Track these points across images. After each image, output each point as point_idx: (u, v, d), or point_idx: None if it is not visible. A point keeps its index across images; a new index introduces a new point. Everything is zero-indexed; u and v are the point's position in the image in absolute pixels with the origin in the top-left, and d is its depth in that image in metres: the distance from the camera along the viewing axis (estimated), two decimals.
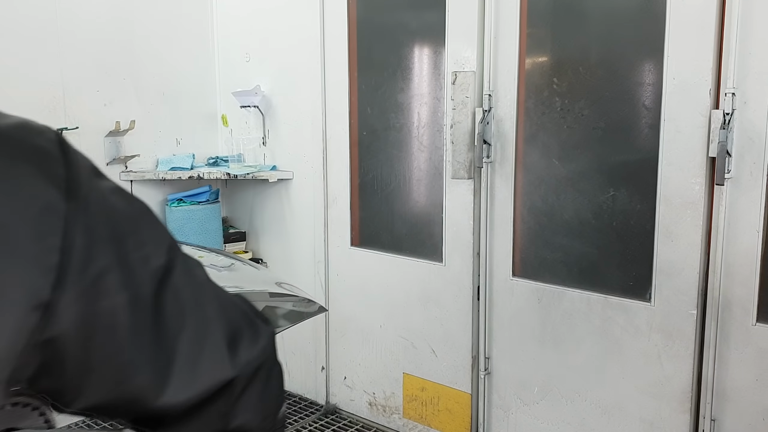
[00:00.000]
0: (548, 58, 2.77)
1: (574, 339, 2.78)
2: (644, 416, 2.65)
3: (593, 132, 2.66)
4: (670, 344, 2.55)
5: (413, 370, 3.32)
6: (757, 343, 2.38)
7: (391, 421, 3.45)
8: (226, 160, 3.83)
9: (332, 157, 3.47)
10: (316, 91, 3.46)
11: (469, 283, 3.05)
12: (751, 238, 2.34)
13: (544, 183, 2.81)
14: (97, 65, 3.42)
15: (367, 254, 3.42)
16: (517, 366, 2.97)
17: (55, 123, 3.27)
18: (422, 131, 3.14)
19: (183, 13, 3.76)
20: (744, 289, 2.38)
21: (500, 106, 2.86)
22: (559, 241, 2.80)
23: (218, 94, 3.93)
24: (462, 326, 3.11)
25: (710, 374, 2.49)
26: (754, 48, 2.27)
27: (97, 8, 3.39)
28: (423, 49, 3.13)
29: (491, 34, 2.84)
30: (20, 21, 3.13)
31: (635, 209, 2.59)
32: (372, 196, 3.38)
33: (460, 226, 3.04)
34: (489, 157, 2.91)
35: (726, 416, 2.48)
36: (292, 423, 3.56)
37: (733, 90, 2.31)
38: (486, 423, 3.11)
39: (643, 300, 2.60)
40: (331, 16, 3.37)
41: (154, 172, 3.60)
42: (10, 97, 3.12)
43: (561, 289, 2.80)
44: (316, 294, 3.65)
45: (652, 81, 2.49)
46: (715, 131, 2.34)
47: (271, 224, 3.83)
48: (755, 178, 2.31)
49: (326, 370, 3.68)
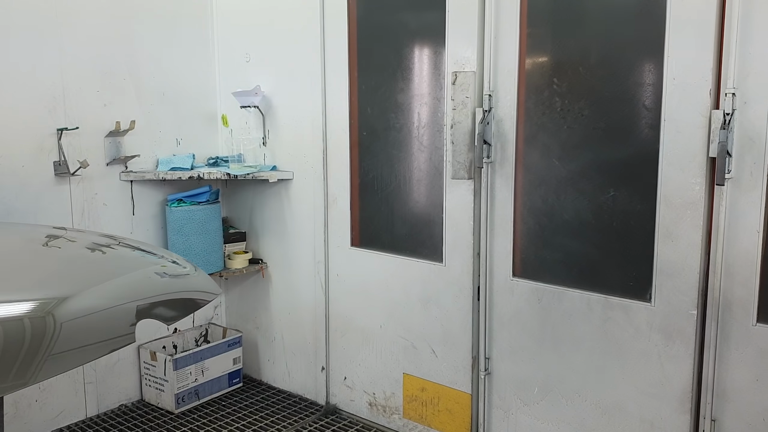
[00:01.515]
0: (548, 58, 2.77)
1: (574, 339, 2.78)
2: (644, 416, 2.65)
3: (593, 132, 2.66)
4: (670, 344, 2.56)
5: (413, 371, 3.32)
6: (758, 344, 2.38)
7: (391, 421, 3.45)
8: (226, 161, 3.83)
9: (332, 158, 3.47)
10: (316, 91, 3.46)
11: (469, 283, 3.05)
12: (751, 239, 2.35)
13: (544, 183, 2.81)
14: (97, 65, 3.42)
15: (367, 254, 3.42)
16: (518, 366, 2.97)
17: (55, 123, 3.28)
18: (422, 131, 3.14)
19: (183, 14, 3.76)
20: (744, 289, 2.38)
21: (500, 106, 2.86)
22: (559, 241, 2.80)
23: (218, 95, 3.94)
24: (462, 326, 3.11)
25: (710, 374, 2.49)
26: (754, 48, 2.27)
27: (97, 8, 3.39)
28: (423, 49, 3.13)
29: (491, 34, 2.84)
30: (20, 21, 3.13)
31: (635, 209, 2.59)
32: (372, 196, 3.38)
33: (460, 226, 3.04)
34: (489, 157, 2.91)
35: (726, 416, 2.48)
36: (292, 423, 3.56)
37: (733, 90, 2.31)
38: (486, 423, 3.11)
39: (643, 300, 2.61)
40: (332, 16, 3.37)
41: (154, 173, 3.60)
42: (10, 97, 3.12)
43: (561, 290, 2.80)
44: (316, 294, 3.65)
45: (652, 81, 2.49)
46: (715, 131, 2.34)
47: (271, 224, 3.83)
48: (755, 179, 2.31)
49: (326, 371, 3.68)
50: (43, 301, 1.54)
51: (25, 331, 1.44)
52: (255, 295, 3.98)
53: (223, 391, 3.88)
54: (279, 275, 3.85)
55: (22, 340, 1.41)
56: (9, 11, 3.09)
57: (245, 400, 3.83)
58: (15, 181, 3.16)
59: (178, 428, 3.51)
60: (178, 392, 3.64)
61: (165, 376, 3.62)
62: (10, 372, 1.37)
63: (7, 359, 1.37)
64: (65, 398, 3.47)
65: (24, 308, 1.50)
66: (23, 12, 3.14)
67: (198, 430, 3.49)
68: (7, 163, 3.13)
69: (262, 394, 3.89)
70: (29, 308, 1.51)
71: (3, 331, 1.40)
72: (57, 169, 3.29)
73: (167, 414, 3.64)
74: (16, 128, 3.15)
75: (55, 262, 1.93)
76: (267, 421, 3.59)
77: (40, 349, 1.42)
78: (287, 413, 3.67)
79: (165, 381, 3.63)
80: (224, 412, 3.68)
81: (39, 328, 1.45)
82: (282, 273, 3.83)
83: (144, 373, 3.76)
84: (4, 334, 1.39)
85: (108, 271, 1.91)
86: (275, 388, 3.95)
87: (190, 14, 3.80)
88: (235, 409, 3.71)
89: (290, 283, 3.78)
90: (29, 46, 3.17)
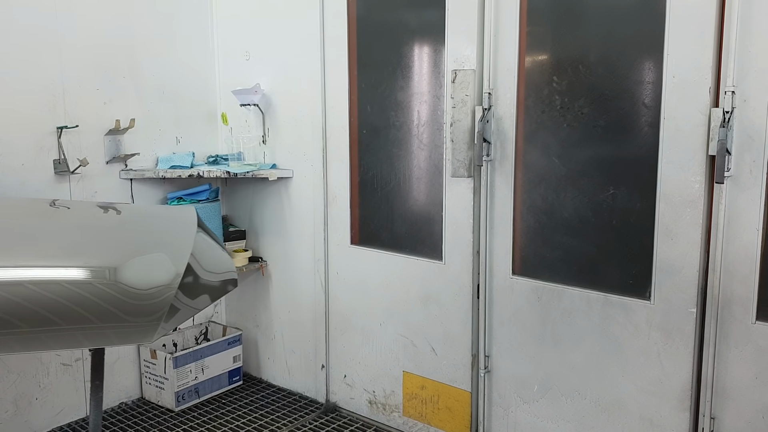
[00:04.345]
0: (548, 56, 2.77)
1: (574, 337, 2.79)
2: (644, 414, 2.65)
3: (593, 130, 2.66)
4: (669, 342, 2.56)
5: (413, 369, 3.32)
6: (757, 341, 2.38)
7: (391, 419, 3.45)
8: (225, 159, 3.83)
9: (332, 156, 3.47)
10: (316, 89, 3.46)
11: (468, 281, 3.06)
12: (750, 237, 2.35)
13: (543, 181, 2.81)
14: (96, 63, 3.42)
15: (367, 252, 3.42)
16: (517, 364, 2.97)
17: (55, 121, 3.27)
18: (422, 129, 3.15)
19: (183, 12, 3.76)
20: (743, 287, 2.38)
21: (500, 104, 2.86)
22: (558, 239, 2.80)
23: (218, 93, 3.93)
24: (462, 324, 3.11)
25: (710, 372, 2.49)
26: (754, 46, 2.27)
27: (97, 7, 3.39)
28: (423, 47, 3.13)
29: (491, 32, 2.84)
30: (20, 20, 3.13)
31: (635, 207, 2.59)
32: (372, 194, 3.38)
33: (460, 224, 3.04)
34: (489, 155, 2.91)
35: (725, 414, 2.49)
36: (292, 421, 3.56)
37: (732, 88, 2.31)
38: (486, 421, 3.11)
39: (642, 298, 2.61)
40: (331, 14, 3.37)
41: (154, 171, 3.60)
42: (10, 95, 3.12)
43: (561, 288, 2.80)
44: (316, 292, 3.65)
45: (652, 79, 2.49)
46: (714, 129, 2.34)
47: (271, 223, 3.83)
48: (755, 177, 2.32)
49: (326, 369, 3.68)
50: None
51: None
52: (255, 294, 3.98)
53: (223, 389, 3.88)
54: (279, 273, 3.85)
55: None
56: (8, 9, 3.09)
57: (245, 398, 3.83)
58: (15, 179, 3.16)
59: (178, 426, 3.51)
60: (178, 390, 3.64)
61: (165, 374, 3.62)
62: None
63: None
64: (66, 396, 3.47)
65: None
66: (23, 10, 3.13)
67: (198, 428, 3.50)
68: (6, 161, 3.13)
69: (262, 392, 3.89)
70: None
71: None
72: (57, 167, 3.29)
73: (167, 412, 3.65)
74: (16, 126, 3.15)
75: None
76: (267, 419, 3.59)
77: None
78: (287, 411, 3.67)
79: (165, 379, 3.63)
80: (224, 410, 3.68)
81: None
82: (282, 271, 3.83)
83: (144, 371, 3.76)
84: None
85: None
86: (275, 386, 3.95)
87: (190, 12, 3.79)
88: (235, 407, 3.72)
89: (290, 281, 3.78)
90: (29, 44, 3.16)
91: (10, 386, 3.26)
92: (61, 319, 1.67)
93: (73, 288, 1.72)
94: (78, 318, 1.68)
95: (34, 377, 3.34)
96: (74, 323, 1.68)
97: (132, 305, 1.73)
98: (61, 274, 1.78)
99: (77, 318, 1.68)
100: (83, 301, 1.69)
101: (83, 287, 1.73)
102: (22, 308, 1.66)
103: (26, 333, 1.66)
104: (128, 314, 1.71)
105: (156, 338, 1.72)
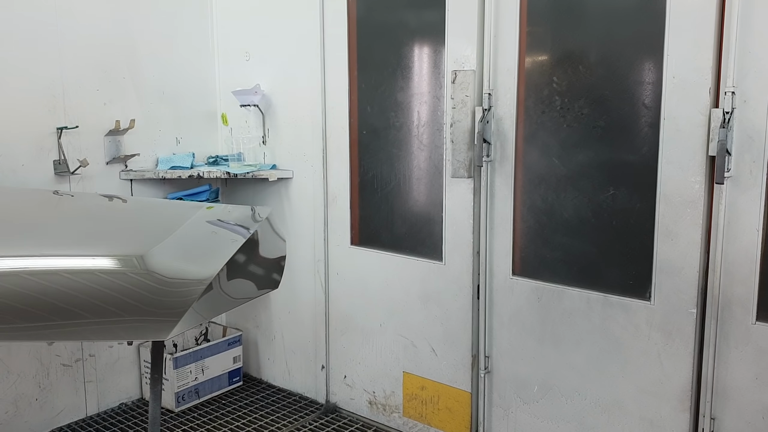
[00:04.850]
0: (548, 56, 2.77)
1: (574, 338, 2.79)
2: (644, 415, 2.65)
3: (593, 131, 2.66)
4: (669, 343, 2.56)
5: (413, 369, 3.32)
6: (757, 342, 2.38)
7: (391, 419, 3.45)
8: (225, 159, 3.83)
9: (332, 156, 3.47)
10: (316, 89, 3.46)
11: (469, 282, 3.05)
12: (750, 237, 2.35)
13: (543, 182, 2.81)
14: (96, 64, 3.42)
15: (367, 253, 3.42)
16: (517, 365, 2.97)
17: (55, 122, 3.28)
18: (422, 130, 3.15)
19: (183, 12, 3.76)
20: (744, 287, 2.38)
21: (500, 104, 2.86)
22: (558, 240, 2.80)
23: (218, 93, 3.93)
24: (462, 325, 3.11)
25: (710, 373, 2.49)
26: (754, 47, 2.27)
27: (97, 8, 3.39)
28: (423, 47, 3.13)
29: (491, 32, 2.84)
30: (20, 20, 3.13)
31: (635, 208, 2.59)
32: (372, 195, 3.38)
33: (460, 225, 3.04)
34: (489, 155, 2.91)
35: (725, 415, 2.49)
36: (292, 422, 3.56)
37: (732, 89, 2.31)
38: (486, 421, 3.11)
39: (642, 299, 2.61)
40: (331, 15, 3.37)
41: (154, 171, 3.60)
42: (10, 96, 3.12)
43: (561, 288, 2.80)
44: (316, 293, 3.65)
45: (652, 80, 2.49)
46: (714, 130, 2.34)
47: None
48: (755, 177, 2.32)
49: (326, 369, 3.68)
50: None
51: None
52: None
53: (223, 389, 3.88)
54: None
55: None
56: (9, 9, 3.09)
57: (245, 398, 3.83)
58: (15, 179, 3.16)
59: (179, 427, 3.51)
60: (178, 391, 3.64)
61: (165, 375, 3.62)
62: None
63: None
64: (65, 397, 3.47)
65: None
66: (23, 11, 3.14)
67: (198, 428, 3.50)
68: (6, 162, 3.13)
69: (262, 393, 3.89)
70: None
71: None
72: (57, 168, 3.29)
73: (167, 413, 3.65)
74: (16, 127, 3.15)
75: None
76: (267, 419, 3.59)
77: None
78: (287, 412, 3.67)
79: (165, 380, 3.63)
80: (224, 411, 3.68)
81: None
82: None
83: (144, 372, 3.76)
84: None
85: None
86: (275, 387, 3.95)
87: (190, 13, 3.79)
88: (235, 408, 3.72)
89: (290, 281, 3.78)
90: (29, 44, 3.17)
91: (10, 387, 3.26)
92: (105, 311, 1.63)
93: (144, 279, 1.73)
94: (124, 309, 1.64)
95: (34, 378, 3.34)
96: (112, 316, 1.65)
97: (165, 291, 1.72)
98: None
99: (123, 309, 1.65)
100: (130, 292, 1.68)
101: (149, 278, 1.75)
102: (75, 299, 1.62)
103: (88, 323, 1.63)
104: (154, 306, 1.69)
105: (187, 329, 1.72)
